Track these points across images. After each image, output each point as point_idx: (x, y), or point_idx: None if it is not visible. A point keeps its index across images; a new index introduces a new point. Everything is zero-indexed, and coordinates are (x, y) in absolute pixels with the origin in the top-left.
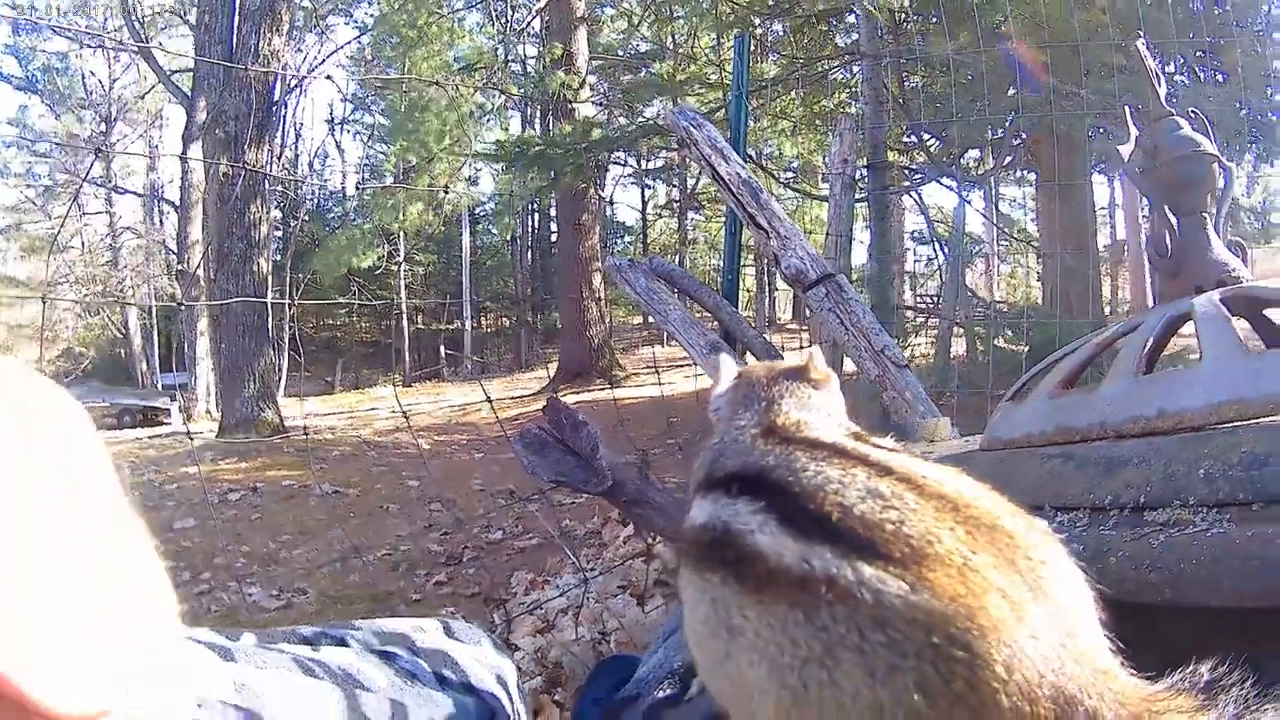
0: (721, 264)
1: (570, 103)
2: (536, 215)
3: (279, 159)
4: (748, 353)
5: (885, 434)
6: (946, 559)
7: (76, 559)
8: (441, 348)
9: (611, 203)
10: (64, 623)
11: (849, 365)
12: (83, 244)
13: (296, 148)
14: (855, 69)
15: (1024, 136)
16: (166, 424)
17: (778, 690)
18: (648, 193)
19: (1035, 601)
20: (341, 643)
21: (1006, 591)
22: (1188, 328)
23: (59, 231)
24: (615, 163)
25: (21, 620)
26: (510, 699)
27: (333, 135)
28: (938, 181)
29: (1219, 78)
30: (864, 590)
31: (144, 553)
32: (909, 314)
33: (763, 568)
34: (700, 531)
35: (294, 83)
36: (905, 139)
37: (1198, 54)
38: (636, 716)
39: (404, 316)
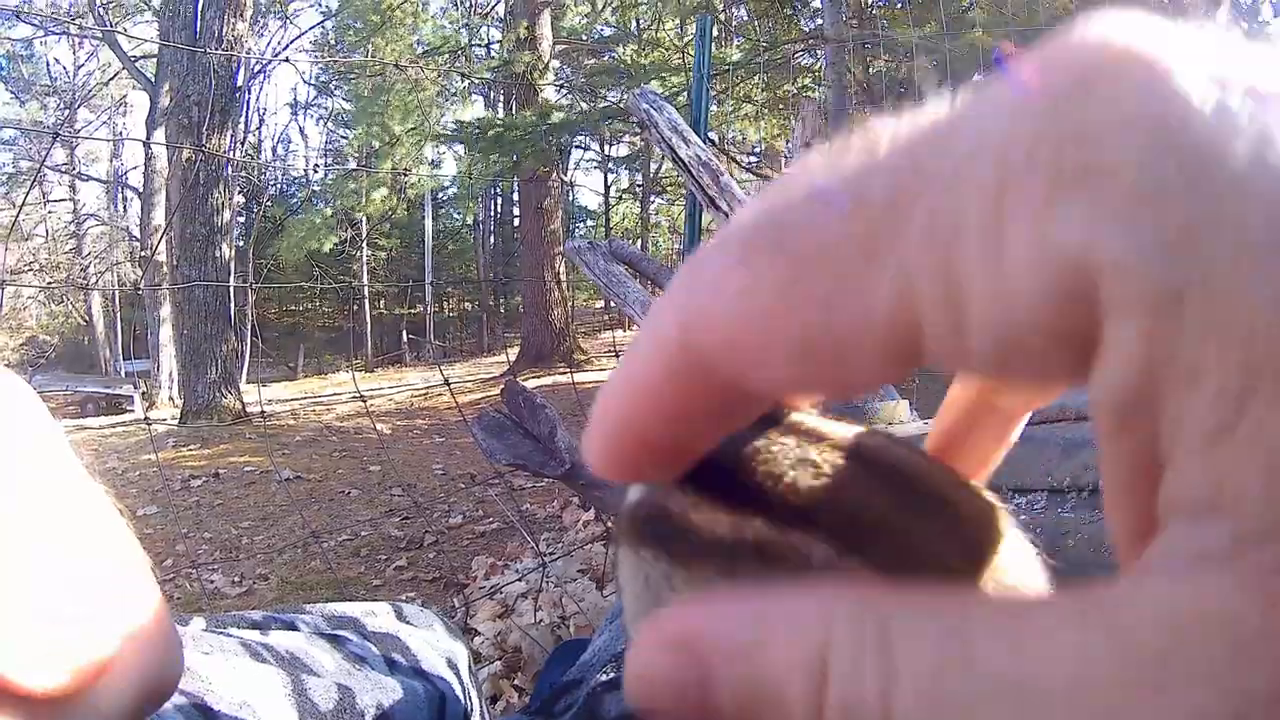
0: (682, 247)
1: (534, 85)
2: (499, 199)
3: (242, 144)
4: None
5: (841, 417)
6: (879, 526)
7: (39, 529)
8: (404, 332)
9: (574, 186)
10: (29, 595)
11: None
12: (47, 231)
13: (260, 133)
14: (819, 53)
15: None
16: (130, 411)
17: None
18: (611, 177)
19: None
20: (291, 627)
21: (943, 561)
22: None
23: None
24: (578, 147)
25: None
26: (461, 683)
27: (296, 120)
28: None
29: None
30: (792, 555)
31: (109, 521)
32: None
33: (695, 540)
34: (635, 509)
35: (257, 68)
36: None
37: None
38: (579, 701)
39: (366, 301)
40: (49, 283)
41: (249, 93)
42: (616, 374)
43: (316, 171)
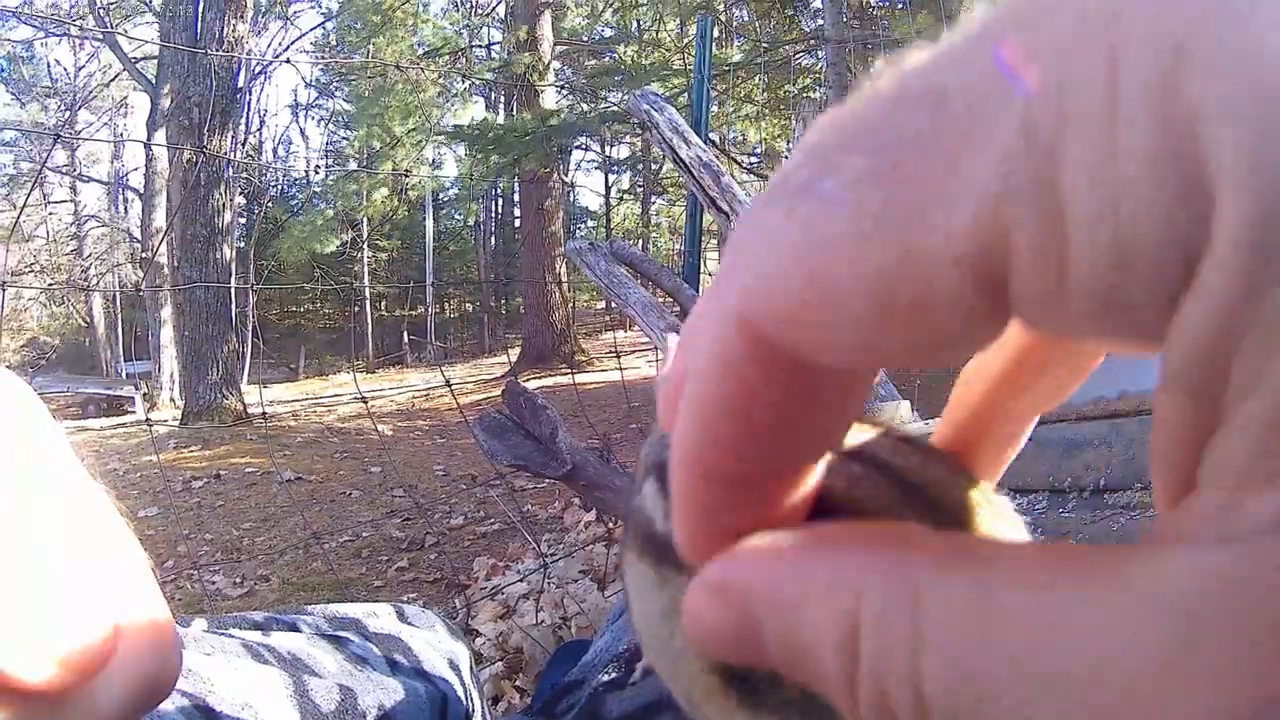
0: (683, 248)
1: (535, 86)
2: (500, 200)
3: (243, 145)
4: None
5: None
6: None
7: (39, 528)
8: (405, 333)
9: (574, 187)
10: (29, 593)
11: None
12: (48, 233)
13: (261, 134)
14: (820, 54)
15: None
16: (131, 412)
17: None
18: (612, 178)
19: None
20: (293, 628)
21: None
22: None
23: (17, 220)
24: (579, 148)
25: None
26: (463, 684)
27: (297, 121)
28: None
29: None
30: None
31: (110, 522)
32: None
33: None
34: (638, 514)
35: (258, 69)
36: None
37: None
38: (580, 701)
39: (367, 302)
40: (50, 284)
41: (250, 94)
42: (686, 410)
43: (317, 173)
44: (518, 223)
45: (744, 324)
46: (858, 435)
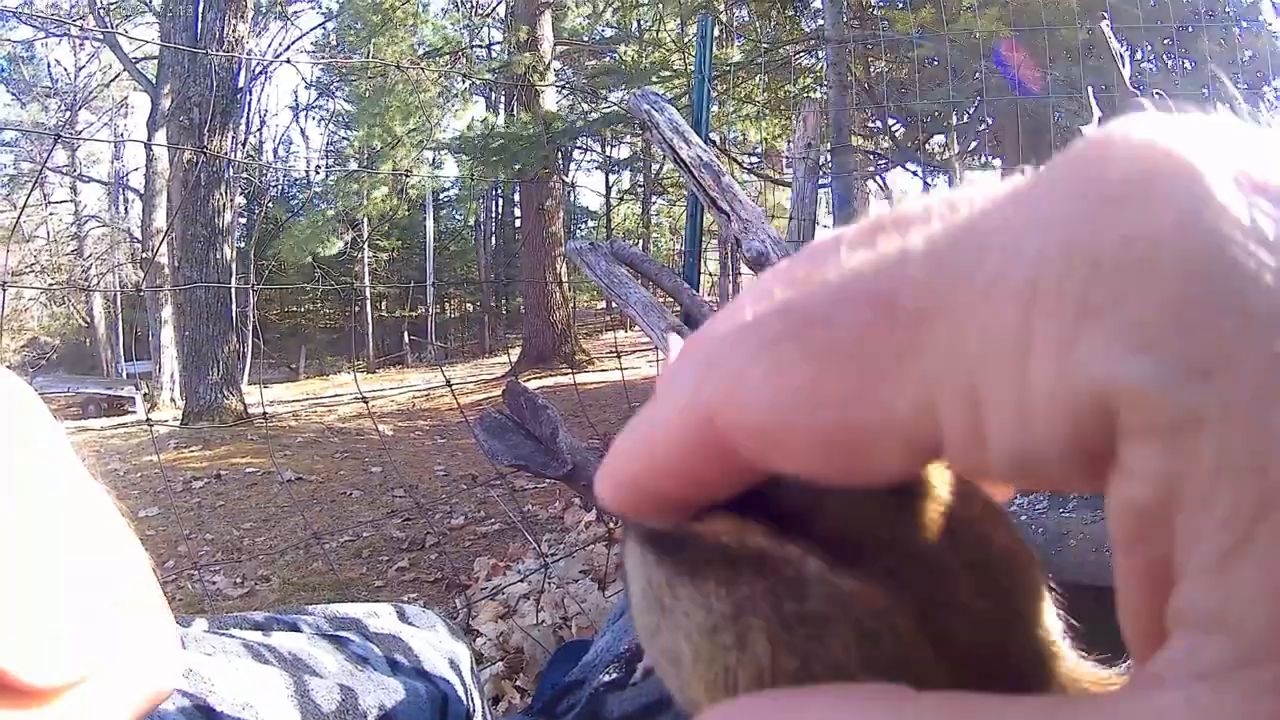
0: (684, 248)
1: (535, 86)
2: (500, 200)
3: (243, 145)
4: None
5: None
6: (880, 543)
7: (40, 528)
8: (405, 333)
9: (575, 187)
10: (30, 592)
11: None
12: (48, 233)
13: (261, 134)
14: (820, 54)
15: (989, 122)
16: (131, 412)
17: (706, 664)
18: (612, 178)
19: None
20: (293, 628)
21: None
22: None
23: (17, 220)
24: (579, 148)
25: None
26: (463, 684)
27: (297, 121)
28: (902, 167)
29: (1187, 65)
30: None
31: (110, 522)
32: None
33: (697, 548)
34: None
35: (258, 69)
36: (870, 124)
37: (1164, 41)
38: (581, 701)
39: (367, 302)
40: (50, 284)
41: (250, 94)
42: (635, 429)
43: (318, 173)
44: (518, 223)
45: (709, 418)
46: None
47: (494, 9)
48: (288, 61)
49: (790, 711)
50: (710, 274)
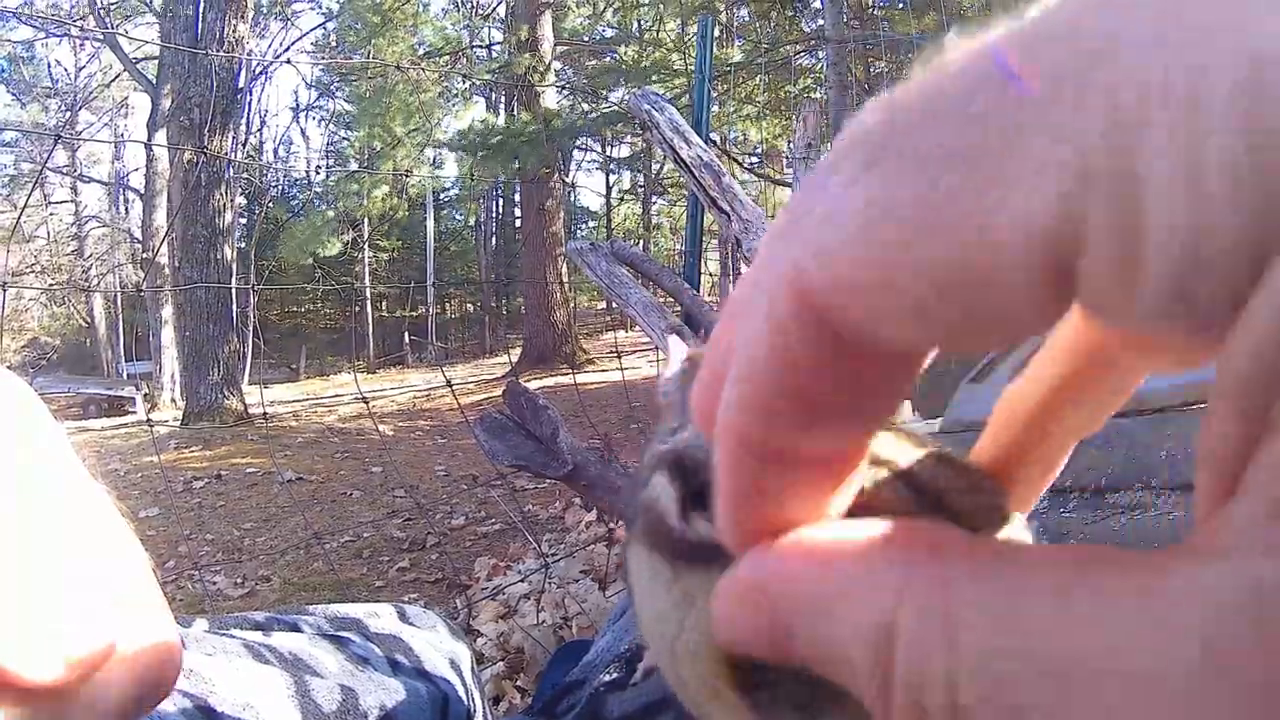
0: (684, 248)
1: (535, 87)
2: (501, 200)
3: (244, 146)
4: (709, 336)
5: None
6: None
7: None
8: (406, 333)
9: (575, 187)
10: (31, 591)
11: None
12: (48, 234)
13: (261, 134)
14: (820, 54)
15: None
16: (132, 413)
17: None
18: (612, 178)
19: None
20: (294, 628)
21: None
22: None
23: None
24: (579, 148)
25: None
26: (464, 684)
27: (297, 122)
28: None
29: None
30: None
31: (111, 522)
32: None
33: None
34: (649, 508)
35: (259, 69)
36: None
37: None
38: (581, 701)
39: (368, 302)
40: (51, 285)
41: (250, 94)
42: (734, 376)
43: (318, 173)
44: (519, 223)
45: (800, 293)
46: (901, 449)
47: (494, 9)
48: (288, 62)
49: (832, 564)
50: (711, 274)
